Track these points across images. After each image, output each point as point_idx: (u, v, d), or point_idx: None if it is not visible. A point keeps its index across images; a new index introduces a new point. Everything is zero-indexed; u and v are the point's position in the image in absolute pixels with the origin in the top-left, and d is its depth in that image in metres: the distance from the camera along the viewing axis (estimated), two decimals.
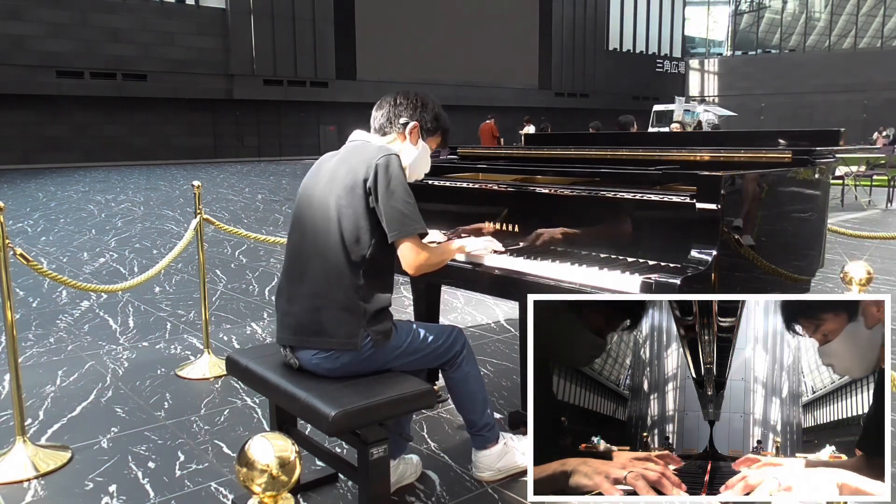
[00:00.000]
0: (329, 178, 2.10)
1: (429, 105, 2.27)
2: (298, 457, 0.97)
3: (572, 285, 2.09)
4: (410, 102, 2.24)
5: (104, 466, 2.55)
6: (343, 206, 2.02)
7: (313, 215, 2.09)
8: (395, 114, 2.22)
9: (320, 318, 2.02)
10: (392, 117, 2.23)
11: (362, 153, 2.08)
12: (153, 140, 24.19)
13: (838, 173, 11.07)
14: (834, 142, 2.67)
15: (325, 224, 2.05)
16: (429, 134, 2.28)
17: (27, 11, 20.96)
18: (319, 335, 2.02)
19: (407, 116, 2.22)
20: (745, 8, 40.62)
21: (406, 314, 4.35)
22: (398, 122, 2.22)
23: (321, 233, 2.05)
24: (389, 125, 2.23)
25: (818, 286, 5.08)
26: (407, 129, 2.22)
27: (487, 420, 2.33)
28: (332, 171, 2.11)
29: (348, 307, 2.01)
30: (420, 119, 2.24)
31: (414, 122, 2.22)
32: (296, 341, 2.08)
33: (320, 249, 2.05)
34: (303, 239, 2.11)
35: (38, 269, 2.76)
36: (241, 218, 9.69)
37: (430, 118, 2.26)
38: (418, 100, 2.25)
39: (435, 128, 2.29)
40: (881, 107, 32.12)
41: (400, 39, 28.15)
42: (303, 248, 2.10)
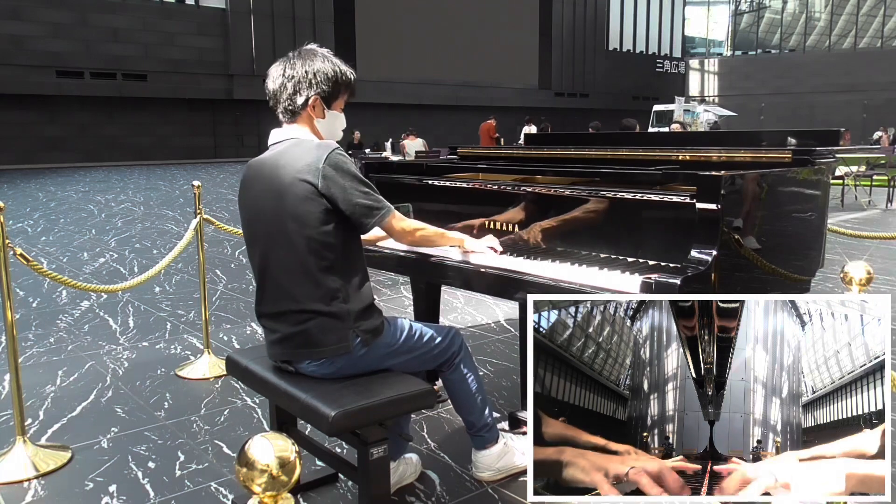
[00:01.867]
0: (275, 189, 1.99)
1: (315, 67, 2.07)
2: (298, 457, 0.96)
3: (572, 285, 2.09)
4: (296, 76, 2.06)
5: (104, 466, 2.56)
6: (301, 215, 1.95)
7: (269, 231, 2.01)
8: (290, 97, 2.06)
9: (307, 329, 1.99)
10: (290, 102, 2.07)
11: (300, 157, 1.98)
12: (153, 140, 24.18)
13: (838, 173, 11.07)
14: (834, 142, 2.67)
15: (286, 237, 1.97)
16: (333, 99, 2.13)
17: (27, 11, 20.95)
18: (309, 346, 2.00)
19: (302, 95, 2.07)
20: (745, 8, 40.60)
21: (406, 314, 4.34)
22: (298, 103, 2.07)
23: (283, 246, 1.98)
24: (293, 107, 2.07)
25: (818, 286, 5.08)
26: (309, 106, 2.08)
27: (487, 421, 2.33)
28: (275, 180, 1.99)
29: (332, 313, 1.98)
30: (316, 89, 2.07)
31: (312, 94, 2.07)
32: (287, 356, 2.06)
33: (287, 263, 1.99)
34: (266, 256, 2.04)
35: (38, 269, 2.76)
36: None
37: (323, 82, 2.08)
38: (303, 68, 2.06)
39: (336, 90, 2.12)
40: (881, 107, 32.11)
41: (400, 39, 28.13)
42: (268, 265, 2.04)
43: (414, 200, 2.73)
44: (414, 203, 2.71)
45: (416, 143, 14.84)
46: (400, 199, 2.66)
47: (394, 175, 3.05)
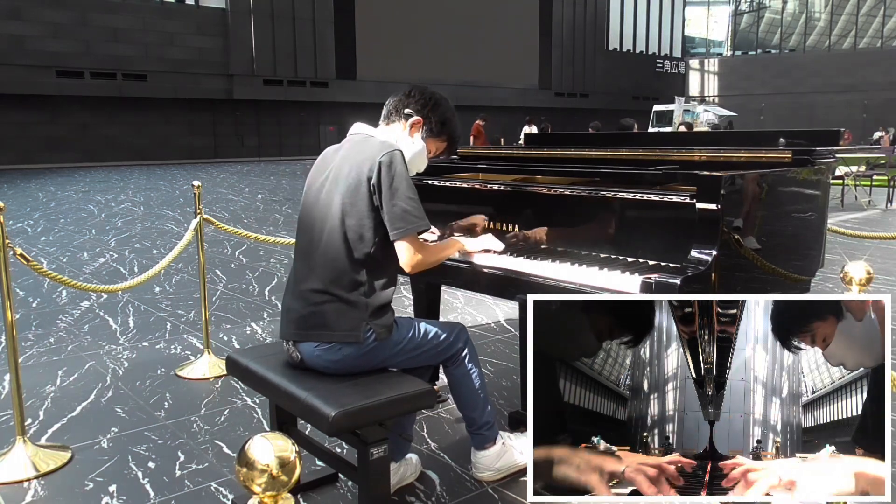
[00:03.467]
0: (333, 176, 2.10)
1: (440, 108, 2.25)
2: (298, 457, 0.96)
3: (572, 285, 2.09)
4: (423, 98, 2.23)
5: (104, 466, 2.55)
6: (347, 203, 2.03)
7: (318, 214, 2.10)
8: (404, 104, 2.23)
9: (323, 311, 2.03)
10: (399, 106, 2.23)
11: (364, 150, 2.08)
12: (153, 140, 24.18)
13: (838, 173, 11.07)
14: (834, 142, 2.67)
15: (330, 222, 2.06)
16: (430, 135, 2.25)
17: (27, 11, 20.96)
18: (321, 328, 2.03)
19: (413, 109, 2.21)
20: (745, 8, 40.63)
21: (406, 314, 4.35)
22: (403, 111, 2.22)
23: (326, 231, 2.06)
24: (396, 113, 2.23)
25: (818, 286, 5.08)
26: (409, 122, 2.21)
27: (487, 419, 2.33)
28: (336, 168, 2.11)
29: (351, 301, 2.02)
30: (425, 117, 2.23)
31: (418, 116, 2.22)
32: (298, 335, 2.08)
33: (325, 247, 2.06)
34: (309, 237, 2.12)
35: (38, 269, 2.76)
36: (241, 218, 9.69)
37: (436, 119, 2.24)
38: (431, 98, 2.24)
39: (440, 131, 2.26)
40: (881, 107, 32.12)
41: (400, 39, 28.14)
42: (309, 247, 2.11)
43: None
44: None
45: None
46: None
47: None
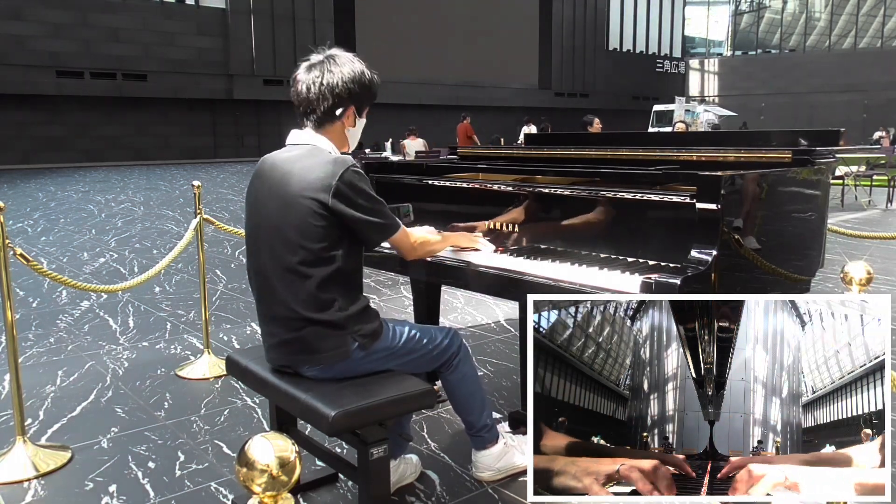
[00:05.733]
0: (282, 197, 1.98)
1: (356, 78, 2.07)
2: (298, 457, 0.97)
3: (572, 285, 2.09)
4: (340, 88, 2.04)
5: (104, 466, 2.56)
6: (304, 228, 1.94)
7: (270, 236, 2.00)
8: (329, 104, 2.05)
9: (303, 337, 1.98)
10: (326, 110, 2.05)
11: (312, 170, 1.96)
12: (153, 140, 24.17)
13: (838, 173, 11.06)
14: (834, 142, 2.67)
15: (285, 246, 1.96)
16: (364, 107, 2.15)
17: (27, 11, 20.94)
18: (308, 353, 2.00)
19: (341, 105, 2.06)
20: (745, 8, 40.61)
21: (406, 314, 4.35)
22: (334, 112, 2.06)
23: (282, 254, 1.97)
24: (326, 117, 2.07)
25: (818, 286, 5.08)
26: (343, 117, 2.09)
27: (486, 421, 2.33)
28: (283, 187, 1.98)
29: (326, 322, 1.97)
30: (353, 101, 2.08)
31: (349, 107, 2.08)
32: (285, 361, 2.06)
33: (284, 272, 1.97)
34: (266, 260, 2.02)
35: (38, 269, 2.76)
36: (241, 218, 9.68)
37: (361, 94, 2.09)
38: (344, 79, 2.05)
39: (369, 98, 2.13)
40: (881, 107, 32.11)
41: (400, 39, 28.12)
42: (266, 269, 2.03)
43: (414, 200, 2.73)
44: (414, 203, 2.71)
45: (417, 143, 14.82)
46: (400, 200, 2.66)
47: (394, 175, 3.05)
